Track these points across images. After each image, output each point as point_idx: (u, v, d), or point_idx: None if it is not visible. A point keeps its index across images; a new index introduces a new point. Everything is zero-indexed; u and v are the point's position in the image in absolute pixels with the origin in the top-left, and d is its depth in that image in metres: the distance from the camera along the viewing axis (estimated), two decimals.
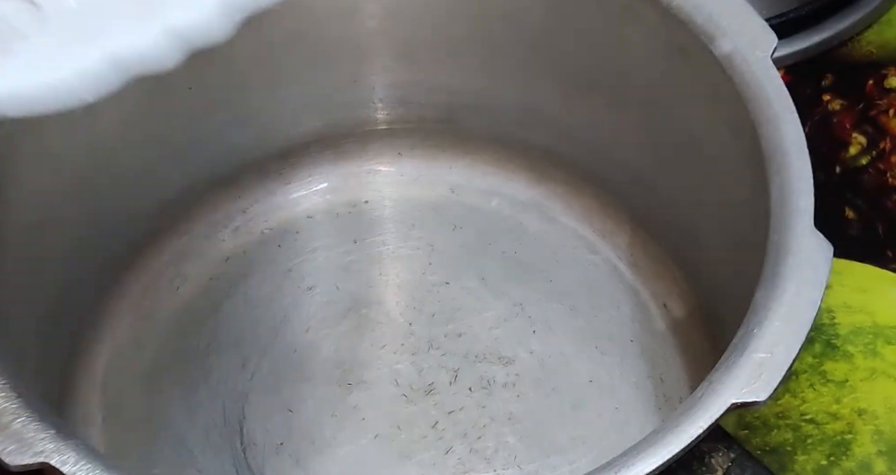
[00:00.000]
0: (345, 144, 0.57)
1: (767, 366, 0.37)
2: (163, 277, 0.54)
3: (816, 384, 0.53)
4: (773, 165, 0.41)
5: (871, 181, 0.59)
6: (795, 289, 0.38)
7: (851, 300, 0.55)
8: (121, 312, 0.52)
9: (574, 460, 0.49)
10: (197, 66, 0.50)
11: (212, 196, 0.55)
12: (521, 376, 0.51)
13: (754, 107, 0.42)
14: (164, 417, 0.50)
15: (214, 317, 0.53)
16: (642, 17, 0.46)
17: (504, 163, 0.57)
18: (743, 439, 0.51)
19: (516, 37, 0.51)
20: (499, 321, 0.52)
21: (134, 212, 0.52)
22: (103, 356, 0.51)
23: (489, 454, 0.49)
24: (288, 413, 0.50)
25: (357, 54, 0.53)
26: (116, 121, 0.48)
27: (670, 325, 0.52)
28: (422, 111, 0.56)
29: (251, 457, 0.49)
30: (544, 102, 0.53)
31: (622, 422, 0.50)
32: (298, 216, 0.56)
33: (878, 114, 0.61)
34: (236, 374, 0.51)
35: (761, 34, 0.44)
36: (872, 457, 0.51)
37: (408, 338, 0.52)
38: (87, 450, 0.36)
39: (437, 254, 0.55)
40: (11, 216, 0.44)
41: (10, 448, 0.35)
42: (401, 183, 0.57)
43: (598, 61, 0.50)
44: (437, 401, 0.50)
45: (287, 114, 0.54)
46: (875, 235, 0.58)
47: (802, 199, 0.40)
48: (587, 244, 0.55)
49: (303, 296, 0.53)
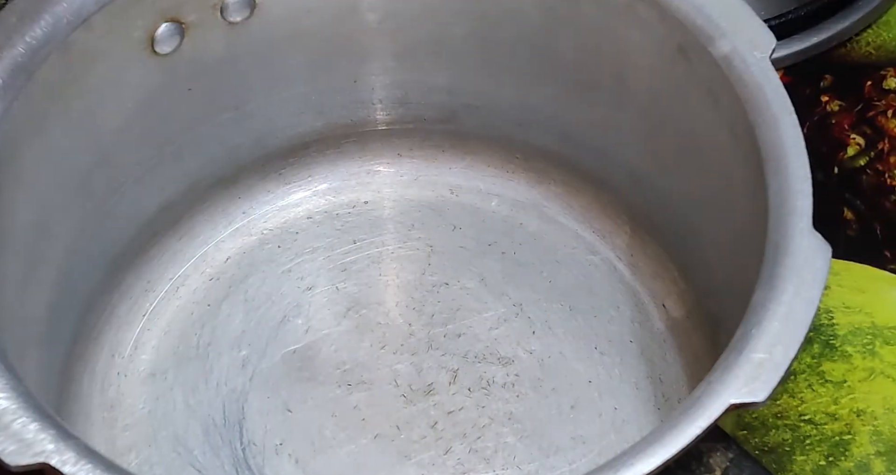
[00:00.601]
0: (345, 144, 0.57)
1: (766, 366, 0.37)
2: (163, 277, 0.54)
3: (815, 384, 0.53)
4: (772, 166, 0.41)
5: (870, 182, 0.59)
6: (794, 290, 0.38)
7: (850, 300, 0.55)
8: (121, 312, 0.53)
9: (573, 460, 0.49)
10: (197, 66, 0.50)
11: (212, 196, 0.55)
12: (521, 376, 0.51)
13: (753, 107, 0.42)
14: (164, 417, 0.50)
15: (214, 317, 0.53)
16: (642, 18, 0.46)
17: (504, 163, 0.57)
18: (741, 439, 0.51)
19: (516, 37, 0.51)
20: (498, 321, 0.53)
21: (134, 212, 0.52)
22: (103, 356, 0.51)
23: (489, 454, 0.49)
24: (288, 413, 0.50)
25: (357, 54, 0.53)
26: (116, 121, 0.48)
27: (669, 326, 0.52)
28: (422, 111, 0.56)
29: (251, 456, 0.49)
30: (544, 103, 0.53)
31: (621, 422, 0.50)
32: (298, 216, 0.56)
33: (877, 115, 0.61)
34: (236, 374, 0.51)
35: (760, 35, 0.44)
36: (871, 457, 0.51)
37: (407, 338, 0.52)
38: (87, 450, 0.36)
39: (436, 254, 0.55)
40: (11, 216, 0.44)
41: (10, 448, 0.35)
42: (400, 183, 0.57)
43: (598, 62, 0.50)
44: (436, 401, 0.50)
45: (287, 114, 0.54)
46: (873, 236, 0.58)
47: (801, 199, 0.40)
48: (586, 244, 0.55)
49: (303, 296, 0.53)
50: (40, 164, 0.45)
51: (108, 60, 0.46)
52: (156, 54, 0.48)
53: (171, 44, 0.48)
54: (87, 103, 0.46)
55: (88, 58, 0.45)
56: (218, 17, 0.49)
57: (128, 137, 0.50)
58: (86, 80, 0.46)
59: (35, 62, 0.43)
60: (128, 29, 0.46)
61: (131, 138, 0.50)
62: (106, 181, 0.49)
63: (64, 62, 0.44)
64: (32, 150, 0.44)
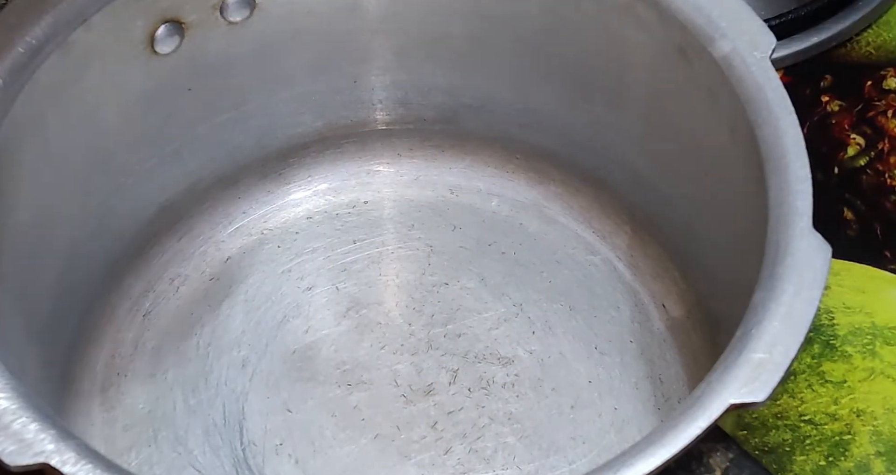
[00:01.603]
0: (345, 145, 0.57)
1: (766, 366, 0.37)
2: (163, 277, 0.54)
3: (815, 384, 0.53)
4: (772, 166, 0.41)
5: (870, 182, 0.59)
6: (794, 290, 0.38)
7: (850, 301, 0.55)
8: (121, 312, 0.53)
9: (573, 460, 0.49)
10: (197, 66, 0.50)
11: (212, 196, 0.55)
12: (521, 376, 0.51)
13: (753, 108, 0.42)
14: (164, 417, 0.50)
15: (214, 317, 0.53)
16: (641, 18, 0.46)
17: (504, 163, 0.57)
18: (741, 439, 0.51)
19: (516, 37, 0.51)
20: (498, 321, 0.53)
21: (134, 212, 0.52)
22: (103, 356, 0.51)
23: (488, 454, 0.49)
24: (288, 413, 0.50)
25: (357, 54, 0.53)
26: (116, 121, 0.48)
27: (669, 326, 0.52)
28: (422, 111, 0.56)
29: (251, 456, 0.49)
30: (544, 103, 0.53)
31: (621, 422, 0.50)
32: (298, 216, 0.56)
33: (877, 115, 0.61)
34: (236, 374, 0.51)
35: (760, 35, 0.44)
36: (871, 457, 0.51)
37: (407, 338, 0.52)
38: (87, 450, 0.36)
39: (436, 254, 0.55)
40: (11, 216, 0.44)
41: (10, 448, 0.35)
42: (400, 183, 0.57)
43: (598, 62, 0.50)
44: (436, 401, 0.50)
45: (287, 114, 0.54)
46: (873, 236, 0.58)
47: (801, 199, 0.40)
48: (586, 245, 0.55)
49: (302, 296, 0.53)
50: (40, 164, 0.45)
51: (108, 60, 0.46)
52: (156, 54, 0.48)
53: (171, 44, 0.48)
54: (87, 103, 0.46)
55: (88, 58, 0.45)
56: (218, 17, 0.49)
57: (128, 137, 0.50)
58: (86, 80, 0.46)
59: (35, 62, 0.43)
60: (128, 29, 0.46)
61: (131, 138, 0.50)
62: (106, 181, 0.49)
63: (64, 62, 0.44)
64: (32, 150, 0.44)
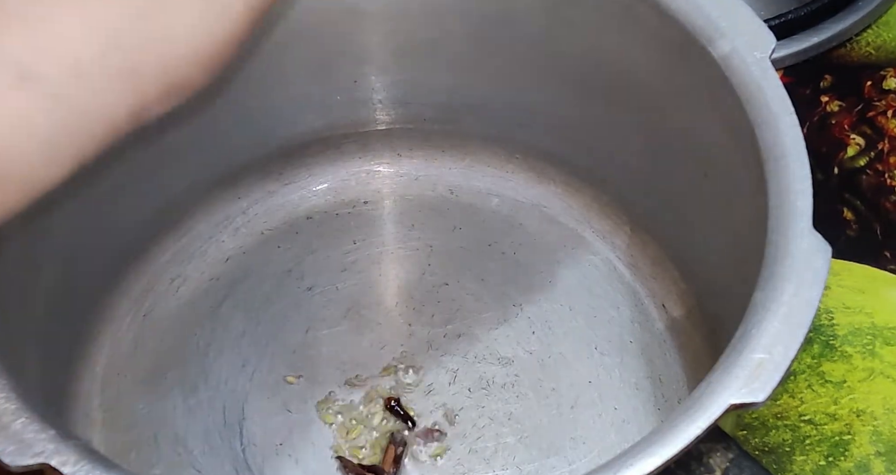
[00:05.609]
0: (345, 144, 0.57)
1: (766, 366, 0.37)
2: (163, 277, 0.54)
3: (815, 385, 0.53)
4: (772, 166, 0.41)
5: (870, 182, 0.59)
6: (794, 290, 0.38)
7: (850, 301, 0.55)
8: (121, 312, 0.53)
9: (573, 460, 0.49)
10: None
11: (212, 196, 0.55)
12: (521, 377, 0.51)
13: (753, 108, 0.42)
14: (164, 417, 0.50)
15: (214, 317, 0.53)
16: (641, 18, 0.46)
17: (504, 163, 0.57)
18: (741, 439, 0.51)
19: (516, 37, 0.51)
20: (498, 322, 0.53)
21: (134, 212, 0.52)
22: (103, 356, 0.51)
23: (488, 454, 0.49)
24: (288, 413, 0.50)
25: (357, 54, 0.53)
26: None
27: (669, 326, 0.52)
28: (422, 111, 0.56)
29: (251, 457, 0.49)
30: (544, 103, 0.53)
31: (621, 422, 0.50)
32: (298, 216, 0.56)
33: (877, 115, 0.61)
34: (236, 374, 0.51)
35: (760, 35, 0.44)
36: (871, 457, 0.51)
37: (407, 338, 0.52)
38: (87, 450, 0.36)
39: (436, 254, 0.55)
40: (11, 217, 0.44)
41: (10, 448, 0.35)
42: (400, 183, 0.57)
43: (598, 62, 0.50)
44: (436, 401, 0.50)
45: (287, 114, 0.54)
46: (873, 236, 0.58)
47: (801, 199, 0.40)
48: (586, 245, 0.55)
49: (302, 296, 0.53)
50: None
51: None
52: None
53: None
54: None
55: None
56: None
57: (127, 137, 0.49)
58: None
59: None
60: None
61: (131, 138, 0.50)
62: (105, 181, 0.49)
63: None
64: None
